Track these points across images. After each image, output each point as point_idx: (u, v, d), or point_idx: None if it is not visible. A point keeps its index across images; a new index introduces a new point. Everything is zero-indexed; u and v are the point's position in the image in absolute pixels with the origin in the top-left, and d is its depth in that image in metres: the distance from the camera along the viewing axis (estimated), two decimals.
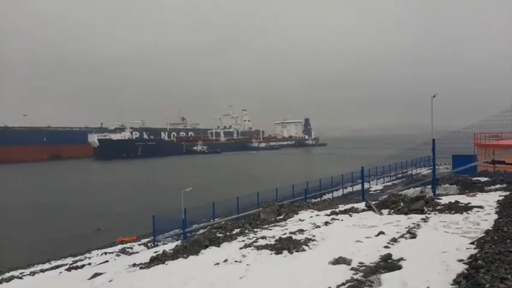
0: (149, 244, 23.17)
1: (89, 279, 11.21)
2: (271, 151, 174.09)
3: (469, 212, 11.91)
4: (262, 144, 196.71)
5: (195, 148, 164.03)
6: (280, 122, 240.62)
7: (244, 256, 9.73)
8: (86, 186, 61.46)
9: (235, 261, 9.39)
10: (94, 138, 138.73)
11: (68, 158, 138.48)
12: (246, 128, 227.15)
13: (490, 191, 17.60)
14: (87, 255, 22.46)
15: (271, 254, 9.61)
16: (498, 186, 19.90)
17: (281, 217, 16.49)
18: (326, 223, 13.26)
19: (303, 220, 14.94)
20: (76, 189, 58.38)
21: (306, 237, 10.98)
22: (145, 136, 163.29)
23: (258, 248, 10.36)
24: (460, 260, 6.97)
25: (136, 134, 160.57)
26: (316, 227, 12.77)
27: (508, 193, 14.40)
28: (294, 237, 11.17)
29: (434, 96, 19.63)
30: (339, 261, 8.01)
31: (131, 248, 22.32)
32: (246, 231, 13.47)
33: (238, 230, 14.29)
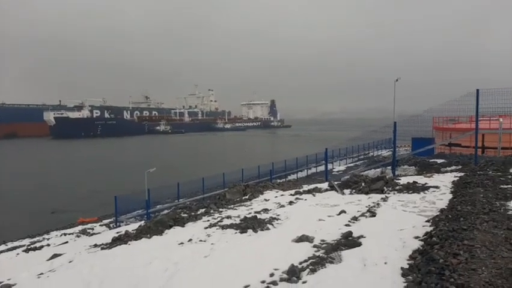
0: (111, 225, 22.72)
1: (48, 260, 10.87)
2: (237, 132, 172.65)
3: (426, 192, 12.29)
4: (228, 125, 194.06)
5: (158, 128, 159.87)
6: (246, 103, 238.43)
7: (209, 235, 9.71)
8: (43, 166, 59.17)
9: (200, 240, 9.36)
10: (49, 116, 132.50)
11: (25, 136, 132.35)
12: (212, 108, 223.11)
13: (446, 172, 18.27)
14: (45, 236, 21.75)
15: (236, 233, 9.66)
16: (453, 167, 20.75)
17: (246, 197, 16.56)
18: (290, 202, 13.40)
19: (268, 200, 15.04)
20: (33, 168, 56.11)
21: (270, 217, 11.08)
22: (106, 115, 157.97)
23: (223, 227, 10.37)
24: (416, 237, 7.24)
25: (96, 113, 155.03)
26: (280, 207, 12.86)
27: (462, 174, 15.02)
28: (259, 216, 11.25)
29: (396, 80, 20.12)
30: (302, 239, 8.16)
31: (92, 229, 21.81)
32: (211, 211, 13.42)
33: (203, 210, 14.23)
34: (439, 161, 24.86)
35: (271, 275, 6.50)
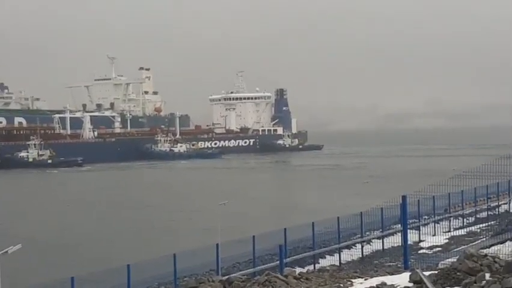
0: None
1: None
2: (203, 162, 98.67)
3: None
4: (182, 147, 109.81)
5: (23, 155, 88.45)
6: (221, 97, 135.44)
7: None
8: None
9: None
10: None
11: None
12: (149, 109, 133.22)
13: None
14: None
15: None
16: None
17: None
18: None
19: None
20: None
21: None
22: None
23: None
24: None
25: None
26: None
27: None
28: None
29: None
30: None
31: None
32: None
33: None
34: None
35: None
